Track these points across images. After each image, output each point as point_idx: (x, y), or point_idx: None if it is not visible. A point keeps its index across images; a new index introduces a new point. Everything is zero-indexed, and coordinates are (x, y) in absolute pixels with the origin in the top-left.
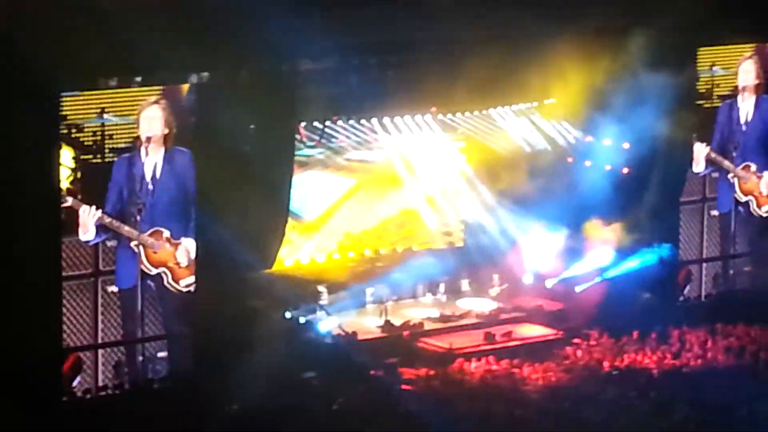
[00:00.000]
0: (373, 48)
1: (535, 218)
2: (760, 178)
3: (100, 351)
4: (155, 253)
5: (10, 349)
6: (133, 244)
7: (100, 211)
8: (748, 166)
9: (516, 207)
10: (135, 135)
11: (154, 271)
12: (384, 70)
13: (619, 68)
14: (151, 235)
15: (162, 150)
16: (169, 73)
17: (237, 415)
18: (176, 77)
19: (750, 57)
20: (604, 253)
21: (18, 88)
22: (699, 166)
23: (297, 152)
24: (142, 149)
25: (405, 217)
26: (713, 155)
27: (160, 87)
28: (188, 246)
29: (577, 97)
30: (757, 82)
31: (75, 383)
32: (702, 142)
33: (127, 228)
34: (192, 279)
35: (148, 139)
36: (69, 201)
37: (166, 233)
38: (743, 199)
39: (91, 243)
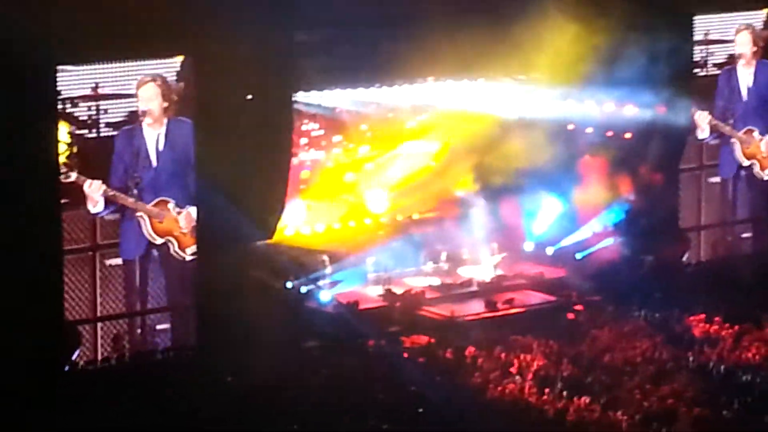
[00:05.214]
0: (369, 19)
1: (535, 186)
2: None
3: (99, 324)
4: (160, 222)
5: (12, 323)
6: (138, 214)
7: (104, 184)
8: (751, 131)
9: (517, 175)
10: (133, 109)
11: (159, 241)
12: (380, 41)
13: (617, 36)
14: (156, 205)
15: (165, 121)
16: (167, 45)
17: (238, 384)
18: (174, 50)
19: (746, 26)
20: (604, 220)
21: (14, 62)
22: (704, 132)
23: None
24: (143, 122)
25: (404, 185)
26: (714, 122)
27: (158, 60)
28: (193, 213)
29: (575, 64)
30: (754, 48)
31: (74, 356)
32: (702, 109)
33: (131, 200)
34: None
35: (144, 113)
36: (72, 176)
37: (171, 202)
38: (746, 163)
39: (101, 215)
